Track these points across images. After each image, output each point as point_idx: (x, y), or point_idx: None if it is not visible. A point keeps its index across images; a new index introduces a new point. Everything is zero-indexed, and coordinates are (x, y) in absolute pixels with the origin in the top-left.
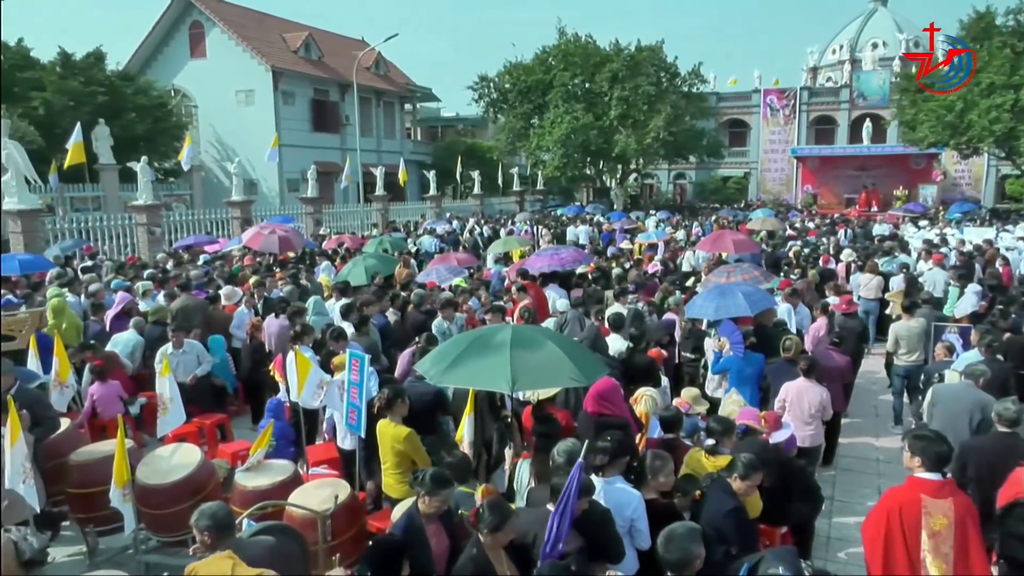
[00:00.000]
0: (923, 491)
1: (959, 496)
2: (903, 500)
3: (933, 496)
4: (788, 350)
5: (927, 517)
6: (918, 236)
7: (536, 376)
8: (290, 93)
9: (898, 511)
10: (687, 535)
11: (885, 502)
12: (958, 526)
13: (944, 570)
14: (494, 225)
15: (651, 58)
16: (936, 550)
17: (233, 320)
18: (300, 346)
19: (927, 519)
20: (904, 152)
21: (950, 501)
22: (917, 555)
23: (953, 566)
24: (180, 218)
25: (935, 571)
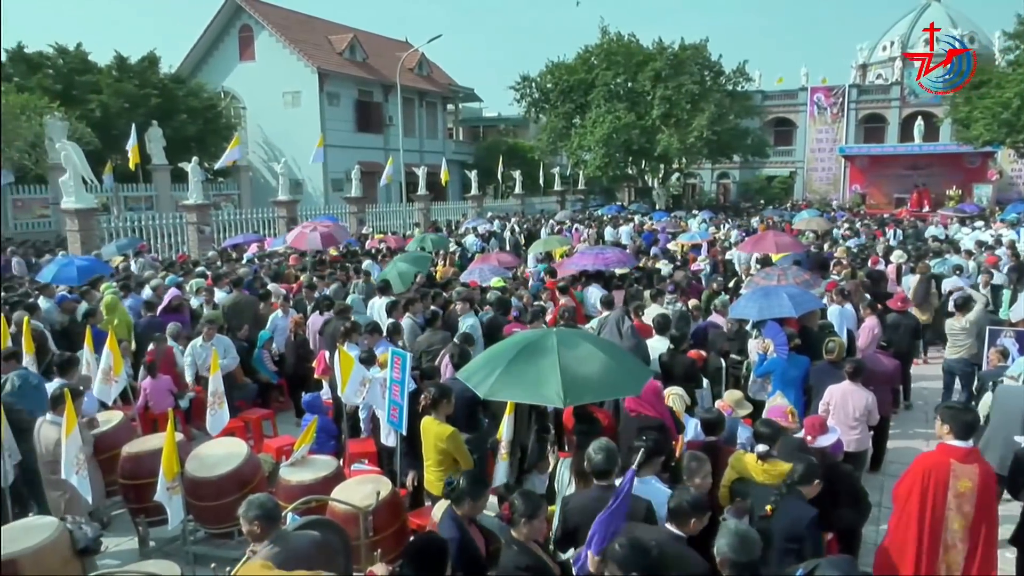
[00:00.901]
0: (952, 456)
1: (983, 464)
2: (934, 463)
3: (961, 461)
4: (831, 352)
5: (954, 479)
6: (971, 237)
7: (587, 387)
8: (335, 94)
9: (929, 472)
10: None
11: (917, 465)
12: (980, 489)
13: (963, 525)
14: (532, 225)
15: (695, 56)
16: (959, 508)
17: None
18: (347, 344)
19: (954, 481)
20: (958, 151)
21: (975, 467)
22: (942, 512)
23: (972, 523)
24: (228, 217)
25: (956, 525)
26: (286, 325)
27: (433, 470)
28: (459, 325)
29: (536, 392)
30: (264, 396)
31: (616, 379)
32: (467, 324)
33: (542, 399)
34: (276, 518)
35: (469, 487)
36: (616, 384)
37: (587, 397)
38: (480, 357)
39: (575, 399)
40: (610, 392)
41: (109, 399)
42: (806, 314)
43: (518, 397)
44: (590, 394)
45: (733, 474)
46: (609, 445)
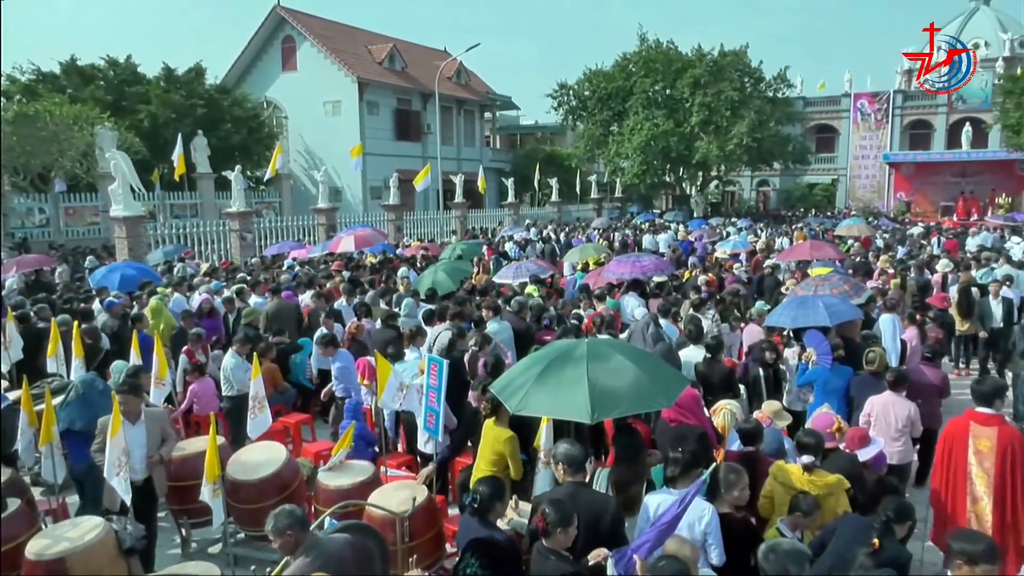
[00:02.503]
0: (973, 419)
1: (1007, 427)
2: (958, 424)
3: (981, 424)
4: (872, 363)
5: (973, 439)
6: (1021, 247)
7: (617, 402)
8: (374, 103)
9: (952, 434)
10: (791, 554)
11: (946, 428)
12: (999, 449)
13: (986, 481)
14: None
15: (735, 63)
16: (980, 465)
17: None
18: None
19: (973, 440)
20: (1008, 158)
21: (995, 429)
22: (964, 468)
23: (995, 479)
24: (269, 224)
25: (978, 480)
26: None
27: (485, 470)
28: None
29: (564, 407)
30: (305, 401)
31: (647, 392)
32: (491, 329)
33: (570, 414)
34: (307, 525)
35: (490, 494)
36: (646, 397)
37: (616, 411)
38: (512, 369)
39: (603, 414)
40: (640, 406)
41: (160, 402)
42: (846, 324)
43: (546, 412)
44: (619, 408)
45: (776, 484)
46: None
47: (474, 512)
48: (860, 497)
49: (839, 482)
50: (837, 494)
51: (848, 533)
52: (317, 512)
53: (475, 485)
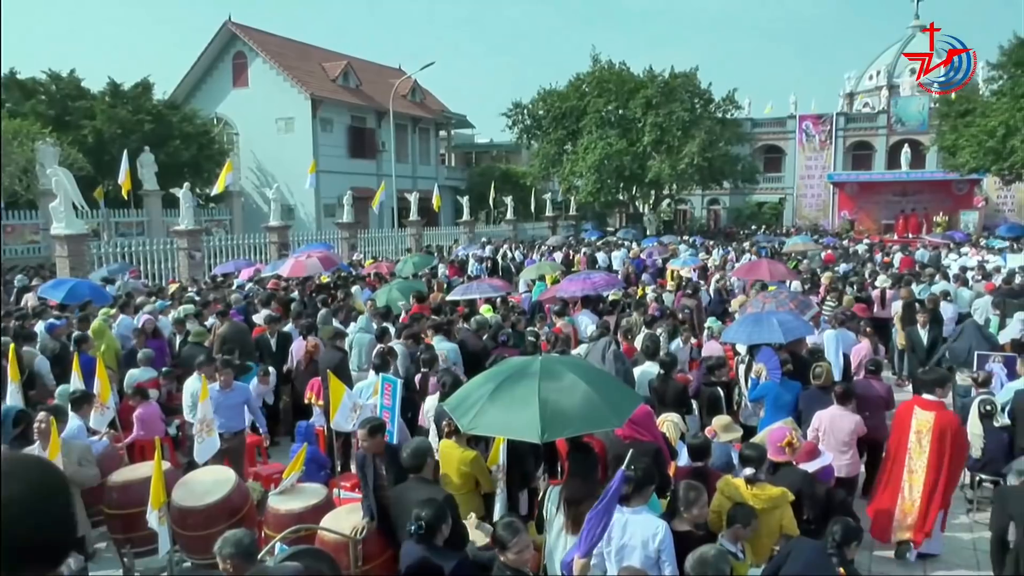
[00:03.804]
0: (917, 404)
1: (945, 412)
2: (903, 407)
3: (922, 408)
4: (819, 377)
5: (916, 420)
6: (958, 263)
7: (568, 421)
8: (328, 120)
9: (899, 414)
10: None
11: (896, 410)
12: (936, 429)
13: (922, 455)
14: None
15: (685, 84)
16: (919, 442)
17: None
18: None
19: (915, 421)
20: (945, 178)
21: (934, 413)
22: (905, 443)
23: (931, 454)
24: (219, 243)
25: (916, 455)
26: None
27: (454, 494)
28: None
29: (515, 426)
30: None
31: (598, 412)
32: (445, 348)
33: (520, 434)
34: (252, 554)
35: (434, 518)
36: (598, 417)
37: (567, 431)
38: (466, 386)
39: (553, 434)
40: (591, 425)
41: (102, 427)
42: (793, 341)
43: (497, 431)
44: (570, 428)
45: (723, 499)
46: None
47: (419, 539)
48: (811, 512)
49: (783, 495)
50: (782, 507)
51: (803, 557)
52: (267, 537)
53: (416, 510)
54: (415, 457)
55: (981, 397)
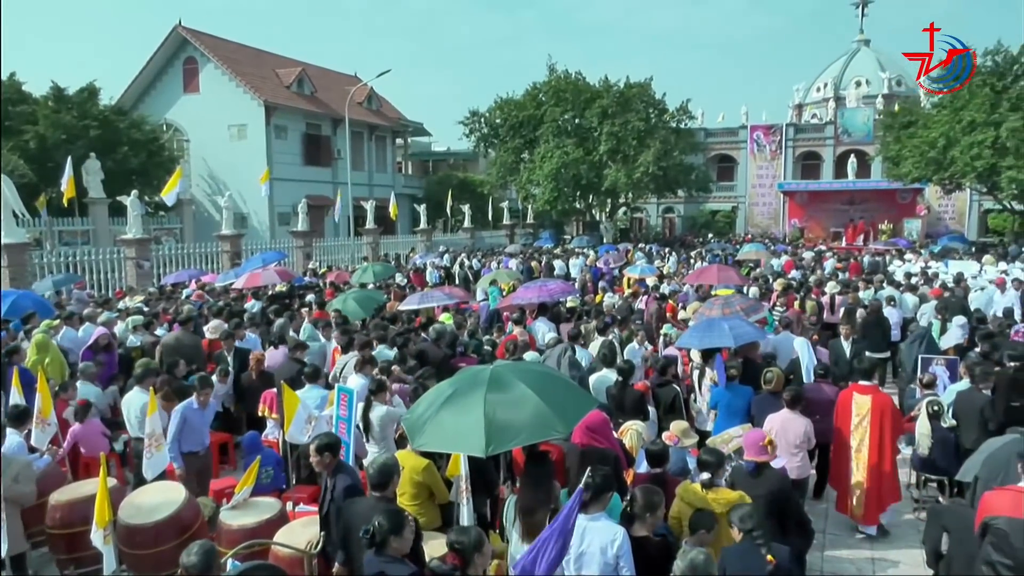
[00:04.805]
0: (856, 390)
1: (880, 394)
2: (844, 396)
3: (860, 393)
4: (770, 382)
5: (855, 404)
6: (902, 270)
7: (514, 433)
8: (282, 127)
9: (842, 401)
10: (709, 562)
11: (838, 399)
12: (874, 412)
13: (862, 437)
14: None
15: (640, 94)
16: (860, 424)
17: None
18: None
19: (855, 405)
20: (889, 187)
21: (871, 396)
22: (848, 426)
23: (871, 434)
24: (169, 252)
25: (860, 435)
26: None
27: (408, 504)
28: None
29: (461, 441)
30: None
31: (546, 419)
32: (387, 356)
33: (466, 448)
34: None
35: (388, 528)
36: (545, 425)
37: (512, 443)
38: (420, 401)
39: (499, 447)
40: (538, 435)
41: (43, 444)
42: (747, 345)
43: (443, 446)
44: (516, 439)
45: (682, 505)
46: (387, 462)
47: (370, 546)
48: (787, 510)
49: (740, 498)
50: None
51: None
52: (220, 554)
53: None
54: (382, 474)
55: (929, 398)
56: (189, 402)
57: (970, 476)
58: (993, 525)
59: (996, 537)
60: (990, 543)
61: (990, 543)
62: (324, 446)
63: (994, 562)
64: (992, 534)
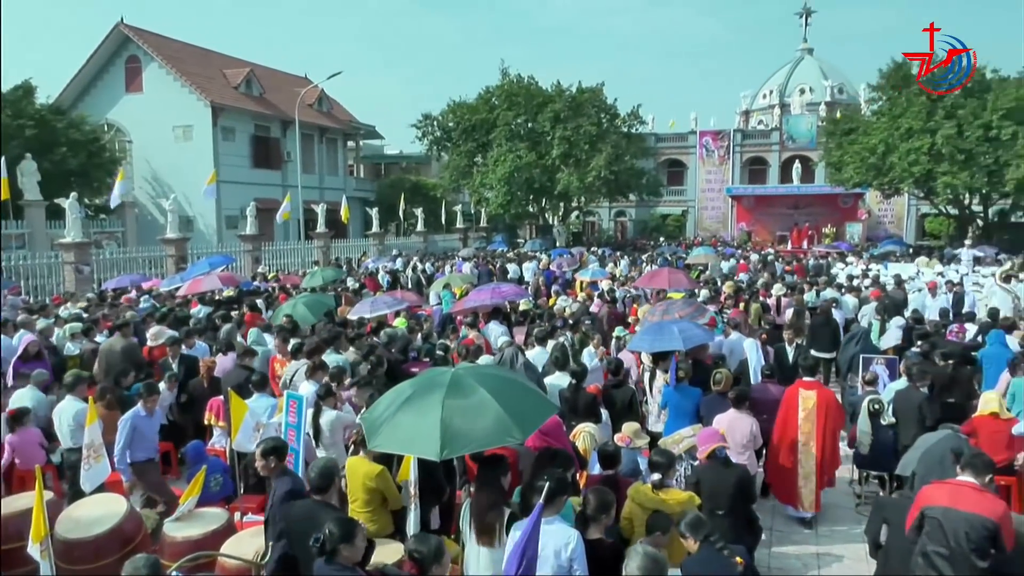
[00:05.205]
0: (801, 386)
1: (824, 390)
2: (790, 392)
3: (806, 388)
4: (719, 383)
5: (802, 399)
6: (845, 272)
7: (470, 438)
8: (230, 129)
9: (788, 395)
10: (663, 563)
11: (785, 393)
12: (819, 406)
13: (810, 430)
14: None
15: (592, 99)
16: (807, 418)
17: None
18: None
19: (802, 400)
20: (832, 192)
21: (816, 391)
22: (795, 420)
23: (817, 428)
24: (111, 256)
25: (807, 429)
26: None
27: (361, 511)
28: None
29: (416, 443)
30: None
31: (502, 425)
32: (332, 361)
33: (421, 451)
34: None
35: (339, 535)
36: (501, 431)
37: (468, 448)
38: (378, 402)
39: (454, 451)
40: (494, 441)
41: None
42: (696, 347)
43: (399, 448)
44: (471, 444)
45: (634, 506)
46: (328, 464)
47: (320, 554)
48: (750, 497)
49: (691, 499)
50: (689, 511)
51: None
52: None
53: (325, 526)
54: (323, 477)
55: (869, 397)
56: (136, 410)
57: (908, 470)
58: (930, 516)
59: (932, 527)
60: (927, 533)
61: (927, 533)
62: (270, 450)
63: (929, 552)
64: (929, 525)
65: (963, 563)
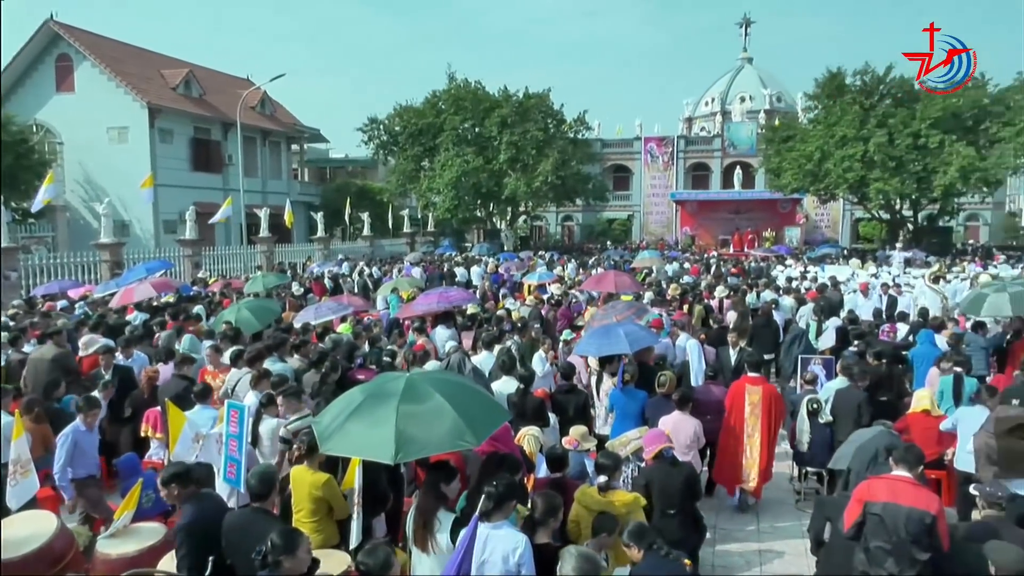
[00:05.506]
0: (747, 381)
1: (768, 386)
2: (736, 387)
3: (751, 384)
4: (663, 385)
5: (748, 394)
6: (784, 275)
7: (424, 442)
8: (168, 131)
9: (735, 391)
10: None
11: (731, 389)
12: (763, 401)
13: (756, 423)
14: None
15: (539, 105)
16: (752, 412)
17: None
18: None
19: (748, 395)
20: (771, 197)
21: (761, 387)
22: (742, 414)
23: (762, 421)
24: (40, 262)
25: (753, 422)
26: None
27: (306, 521)
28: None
29: (369, 447)
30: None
31: (456, 430)
32: (276, 369)
33: (374, 455)
34: None
35: (282, 546)
36: (455, 436)
37: (422, 452)
38: (331, 406)
39: (408, 455)
40: (447, 445)
41: None
42: (642, 350)
43: (351, 451)
44: (425, 449)
45: (580, 509)
46: (268, 471)
47: (263, 567)
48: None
49: (636, 500)
50: (634, 512)
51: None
52: None
53: (268, 538)
54: (263, 484)
55: (808, 396)
56: (76, 425)
57: (842, 464)
58: (871, 512)
59: (874, 523)
60: (868, 529)
61: (868, 529)
62: (169, 478)
63: (872, 547)
64: (870, 520)
65: (904, 556)
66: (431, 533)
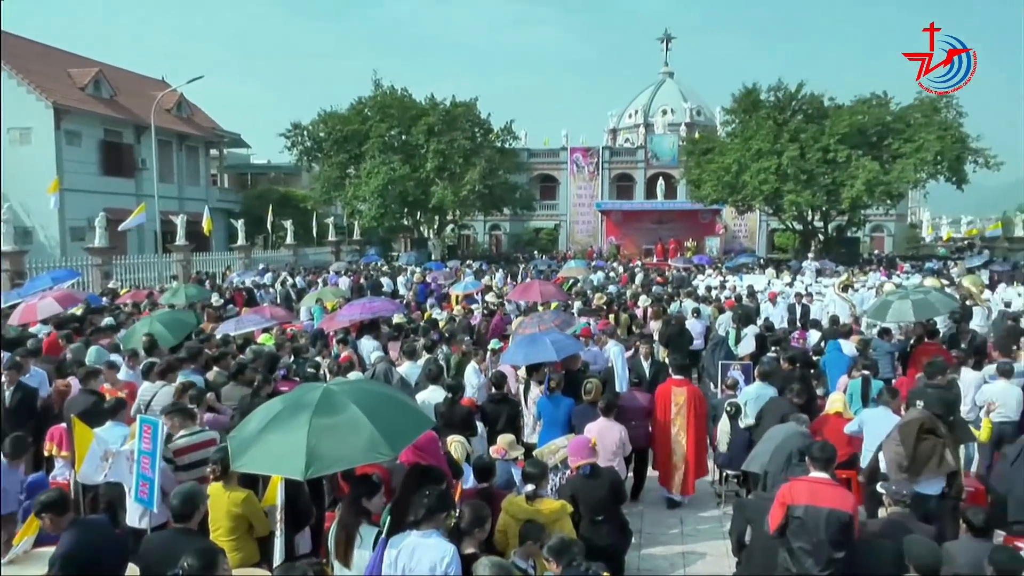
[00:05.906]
0: (672, 383)
1: (692, 387)
2: (663, 389)
3: (677, 385)
4: (589, 393)
5: (674, 395)
6: (704, 284)
7: (337, 455)
8: (76, 133)
9: (663, 392)
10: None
11: (658, 390)
12: (688, 402)
13: (682, 421)
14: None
15: (466, 113)
16: (679, 412)
17: None
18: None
19: (674, 396)
20: (692, 208)
21: (686, 388)
22: (669, 413)
23: (687, 421)
24: None
25: (679, 422)
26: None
27: (225, 539)
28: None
29: (280, 462)
30: None
31: (372, 442)
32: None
33: (285, 470)
34: None
35: (199, 565)
36: (370, 448)
37: (335, 466)
38: (245, 421)
39: (319, 470)
40: (362, 458)
41: None
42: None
43: (263, 468)
44: (339, 463)
45: (508, 518)
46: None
47: None
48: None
49: (563, 508)
50: (562, 520)
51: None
52: None
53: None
54: (185, 504)
55: (728, 400)
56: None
57: (755, 467)
58: (794, 515)
59: (796, 525)
60: (791, 531)
61: (791, 531)
62: (41, 507)
63: (794, 548)
64: (793, 523)
65: (823, 556)
66: (352, 548)
